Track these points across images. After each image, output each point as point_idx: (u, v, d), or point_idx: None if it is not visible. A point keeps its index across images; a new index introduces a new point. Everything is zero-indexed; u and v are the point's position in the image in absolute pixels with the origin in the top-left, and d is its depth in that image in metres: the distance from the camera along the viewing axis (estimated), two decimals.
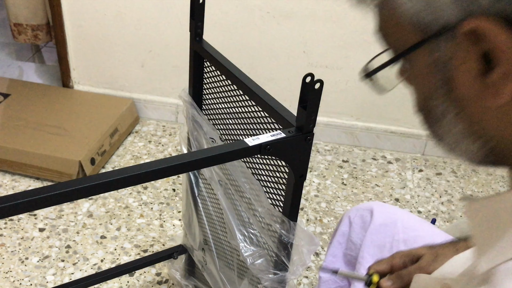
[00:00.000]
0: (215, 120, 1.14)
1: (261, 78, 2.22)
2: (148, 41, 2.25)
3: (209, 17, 2.10)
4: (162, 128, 2.39)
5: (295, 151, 0.81)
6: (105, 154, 2.11)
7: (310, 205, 1.99)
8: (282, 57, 2.19)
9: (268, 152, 0.78)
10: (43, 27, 2.40)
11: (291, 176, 0.85)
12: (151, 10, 2.17)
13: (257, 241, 0.94)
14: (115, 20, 2.22)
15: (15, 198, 0.63)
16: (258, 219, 0.92)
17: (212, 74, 1.12)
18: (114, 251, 1.75)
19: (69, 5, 2.22)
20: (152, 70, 2.33)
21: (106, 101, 2.33)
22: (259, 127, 0.95)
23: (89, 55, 2.35)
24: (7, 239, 1.76)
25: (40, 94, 2.34)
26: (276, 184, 0.92)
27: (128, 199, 1.96)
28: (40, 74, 2.65)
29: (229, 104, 1.05)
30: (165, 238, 1.81)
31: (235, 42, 2.18)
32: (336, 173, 2.19)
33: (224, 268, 1.17)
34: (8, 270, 1.66)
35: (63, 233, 1.81)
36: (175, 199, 1.98)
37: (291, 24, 2.10)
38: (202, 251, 1.29)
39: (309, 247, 0.82)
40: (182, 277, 1.51)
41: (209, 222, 1.22)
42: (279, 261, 0.87)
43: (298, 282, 1.72)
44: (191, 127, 1.12)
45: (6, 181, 2.01)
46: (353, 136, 2.34)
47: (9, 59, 2.78)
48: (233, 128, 1.06)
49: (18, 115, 2.18)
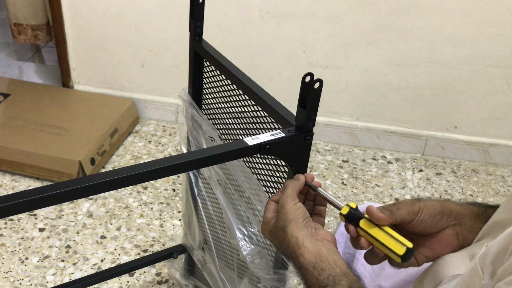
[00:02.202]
0: (214, 119, 1.14)
1: (261, 78, 2.23)
2: (148, 41, 2.25)
3: (209, 17, 2.10)
4: (162, 128, 2.39)
5: (295, 151, 0.81)
6: (105, 154, 2.12)
7: None
8: (282, 57, 2.19)
9: (267, 151, 0.78)
10: (43, 27, 2.40)
11: (291, 175, 0.85)
12: (151, 10, 2.17)
13: (256, 240, 0.94)
14: (115, 20, 2.22)
15: (14, 198, 0.63)
16: (258, 218, 0.92)
17: (211, 74, 1.12)
18: (114, 251, 1.75)
19: (69, 5, 2.22)
20: (152, 70, 2.33)
21: (106, 101, 2.34)
22: (258, 126, 0.95)
23: (89, 55, 2.35)
24: (7, 239, 1.76)
25: (40, 94, 2.34)
26: (276, 183, 0.92)
27: (128, 199, 1.96)
28: (40, 74, 2.65)
29: (229, 103, 1.05)
30: (165, 238, 1.81)
31: (235, 42, 2.18)
32: (336, 173, 2.19)
33: (224, 267, 1.17)
34: (8, 270, 1.66)
35: (63, 233, 1.81)
36: (175, 199, 1.98)
37: (291, 24, 2.10)
38: (202, 250, 1.29)
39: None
40: (182, 276, 1.51)
41: (208, 222, 1.22)
42: (279, 259, 0.87)
43: (298, 282, 1.72)
44: (191, 126, 1.12)
45: (6, 181, 2.01)
46: (353, 136, 2.34)
47: (9, 59, 2.78)
48: (233, 128, 1.06)
49: (18, 115, 2.18)
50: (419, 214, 0.80)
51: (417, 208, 0.80)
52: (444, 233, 0.82)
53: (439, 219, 0.81)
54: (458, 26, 2.01)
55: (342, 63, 2.17)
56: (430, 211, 0.81)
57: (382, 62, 2.14)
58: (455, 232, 0.82)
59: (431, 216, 0.80)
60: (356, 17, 2.05)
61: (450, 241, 0.82)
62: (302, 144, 0.81)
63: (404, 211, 0.80)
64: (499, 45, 2.03)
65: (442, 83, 2.15)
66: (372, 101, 2.24)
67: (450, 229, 0.82)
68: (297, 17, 2.08)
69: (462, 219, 0.83)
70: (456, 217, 0.82)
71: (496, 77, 2.11)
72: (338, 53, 2.14)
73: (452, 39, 2.04)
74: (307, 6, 2.05)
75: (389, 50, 2.10)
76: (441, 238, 0.82)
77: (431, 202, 0.82)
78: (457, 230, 0.82)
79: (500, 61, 2.07)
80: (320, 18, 2.07)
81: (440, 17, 2.00)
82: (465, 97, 2.17)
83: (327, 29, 2.09)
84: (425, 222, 0.80)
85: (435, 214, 0.81)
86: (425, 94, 2.19)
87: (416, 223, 0.80)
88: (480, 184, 2.18)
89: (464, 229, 0.82)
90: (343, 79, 2.20)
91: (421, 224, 0.80)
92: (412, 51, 2.09)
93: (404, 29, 2.05)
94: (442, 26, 2.02)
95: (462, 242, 0.83)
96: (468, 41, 2.04)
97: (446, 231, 0.82)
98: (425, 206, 0.81)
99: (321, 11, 2.05)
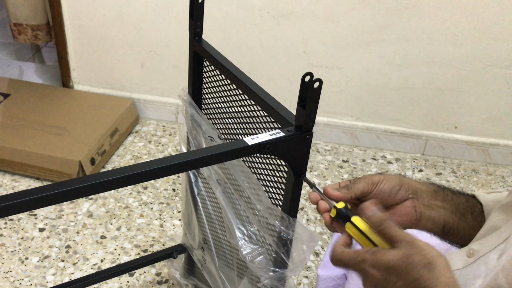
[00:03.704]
0: (214, 119, 1.14)
1: (261, 78, 2.23)
2: (148, 41, 2.25)
3: (209, 17, 2.11)
4: (162, 128, 2.39)
5: (294, 150, 0.81)
6: (105, 154, 2.12)
7: (310, 205, 1.99)
8: (282, 57, 2.19)
9: (267, 151, 0.78)
10: (43, 27, 2.40)
11: (290, 175, 0.85)
12: (151, 10, 2.17)
13: (256, 239, 0.94)
14: (115, 20, 2.22)
15: (14, 198, 0.63)
16: (258, 217, 0.92)
17: (211, 73, 1.12)
18: (114, 251, 1.75)
19: (69, 5, 2.22)
20: (152, 70, 2.33)
21: (106, 101, 2.34)
22: (258, 126, 0.95)
23: (89, 55, 2.35)
24: (7, 239, 1.76)
25: (40, 94, 2.34)
26: (275, 183, 0.92)
27: (128, 199, 1.96)
28: (40, 74, 2.65)
29: (228, 103, 1.05)
30: (165, 238, 1.81)
31: (235, 42, 2.18)
32: (336, 173, 2.19)
33: (224, 267, 1.17)
34: (8, 270, 1.66)
35: (63, 233, 1.81)
36: (175, 199, 1.98)
37: (291, 24, 2.10)
38: (202, 250, 1.29)
39: (308, 244, 0.82)
40: (182, 276, 1.51)
41: (208, 221, 1.22)
42: (278, 258, 0.87)
43: (298, 282, 1.72)
44: (190, 126, 1.12)
45: (6, 181, 2.01)
46: (353, 136, 2.34)
47: (9, 59, 2.78)
48: (233, 128, 1.06)
49: (18, 115, 2.18)
50: (379, 184, 0.82)
51: (376, 179, 0.83)
52: (403, 205, 0.84)
53: (397, 190, 0.83)
54: (458, 26, 2.01)
55: (342, 63, 2.17)
56: (390, 183, 0.83)
57: (382, 62, 2.14)
58: (413, 205, 0.84)
59: (390, 187, 0.83)
60: (356, 17, 2.05)
61: (409, 212, 0.84)
62: (302, 143, 0.81)
63: (362, 183, 0.82)
64: (499, 45, 2.03)
65: (442, 83, 2.15)
66: (372, 101, 2.24)
67: (409, 202, 0.84)
68: (297, 17, 2.08)
69: (420, 194, 0.85)
70: (415, 191, 0.85)
71: (496, 77, 2.11)
72: (338, 53, 2.14)
73: (452, 39, 2.04)
74: (307, 6, 2.05)
75: (389, 50, 2.10)
76: (400, 209, 0.84)
77: (391, 176, 0.84)
78: (415, 204, 0.85)
79: (500, 61, 2.07)
80: (320, 18, 2.07)
81: (440, 17, 2.00)
82: (465, 97, 2.17)
83: (327, 29, 2.09)
84: (384, 192, 0.82)
85: (394, 186, 0.83)
86: (425, 94, 2.19)
87: (376, 193, 0.82)
88: (480, 184, 2.18)
89: (421, 204, 0.85)
90: (343, 79, 2.20)
91: (381, 194, 0.82)
92: (412, 51, 2.09)
93: (404, 29, 2.05)
94: (442, 26, 2.02)
95: (420, 216, 0.85)
96: (468, 41, 2.04)
97: (405, 203, 0.84)
98: (384, 178, 0.83)
99: (321, 11, 2.05)
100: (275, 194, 0.93)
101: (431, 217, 0.85)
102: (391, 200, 0.83)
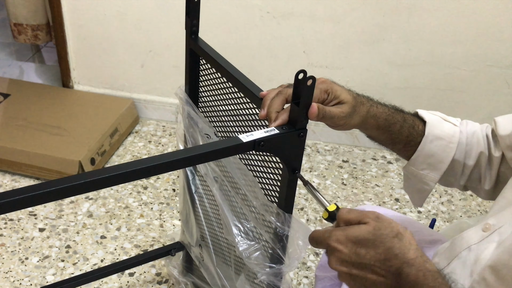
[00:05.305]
0: (211, 117, 1.15)
1: (261, 78, 2.23)
2: (148, 41, 2.26)
3: (209, 17, 2.11)
4: (162, 128, 2.39)
5: (289, 147, 0.81)
6: (105, 154, 2.12)
7: (310, 205, 1.99)
8: (282, 57, 2.19)
9: (262, 148, 0.79)
10: (43, 27, 2.41)
11: (285, 171, 0.85)
12: (151, 10, 2.17)
13: (252, 236, 0.94)
14: (115, 20, 2.23)
15: (14, 194, 0.63)
16: (254, 214, 0.92)
17: (207, 71, 1.12)
18: (114, 251, 1.75)
19: (69, 5, 2.23)
20: (152, 70, 2.34)
21: (106, 101, 2.34)
22: (254, 123, 0.95)
23: (89, 55, 2.36)
24: (7, 239, 1.77)
25: (40, 94, 2.34)
26: (271, 180, 0.92)
27: (128, 199, 1.96)
28: (40, 74, 2.66)
29: (225, 101, 1.06)
30: (165, 238, 1.81)
31: (235, 42, 2.18)
32: (336, 173, 2.19)
33: (221, 263, 1.17)
34: (8, 270, 1.66)
35: (63, 233, 1.81)
36: (175, 199, 1.98)
37: (291, 24, 2.10)
38: (199, 247, 1.29)
39: (304, 239, 0.82)
40: (180, 274, 1.51)
41: (206, 219, 1.23)
42: (275, 254, 0.87)
43: (298, 282, 1.72)
44: (187, 124, 1.12)
45: (6, 181, 2.02)
46: (353, 136, 2.34)
47: (9, 59, 2.79)
48: (229, 125, 1.06)
49: (18, 115, 2.18)
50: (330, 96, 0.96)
51: (326, 88, 0.96)
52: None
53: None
54: (458, 26, 2.01)
55: (342, 63, 2.17)
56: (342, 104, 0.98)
57: (382, 62, 2.14)
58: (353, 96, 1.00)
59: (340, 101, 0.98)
60: (356, 17, 2.05)
61: (349, 100, 0.98)
62: (296, 140, 0.81)
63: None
64: (499, 45, 2.03)
65: (442, 83, 2.15)
66: None
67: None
68: (297, 17, 2.08)
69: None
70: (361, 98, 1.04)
71: (496, 77, 2.10)
72: (338, 53, 2.14)
73: (452, 39, 2.04)
74: (307, 6, 2.05)
75: (389, 50, 2.10)
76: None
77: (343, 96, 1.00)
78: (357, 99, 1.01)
79: (500, 61, 2.06)
80: (320, 18, 2.07)
81: (440, 17, 2.00)
82: (465, 97, 2.17)
83: (327, 29, 2.09)
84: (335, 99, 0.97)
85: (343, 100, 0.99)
86: (425, 94, 2.19)
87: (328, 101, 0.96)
88: None
89: (365, 100, 1.04)
90: (343, 79, 2.20)
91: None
92: (412, 51, 2.09)
93: (404, 29, 2.05)
94: (442, 26, 2.02)
95: (355, 103, 0.99)
96: (468, 41, 2.04)
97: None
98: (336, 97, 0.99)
99: (321, 11, 2.06)
100: (271, 190, 0.93)
101: (371, 111, 1.04)
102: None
